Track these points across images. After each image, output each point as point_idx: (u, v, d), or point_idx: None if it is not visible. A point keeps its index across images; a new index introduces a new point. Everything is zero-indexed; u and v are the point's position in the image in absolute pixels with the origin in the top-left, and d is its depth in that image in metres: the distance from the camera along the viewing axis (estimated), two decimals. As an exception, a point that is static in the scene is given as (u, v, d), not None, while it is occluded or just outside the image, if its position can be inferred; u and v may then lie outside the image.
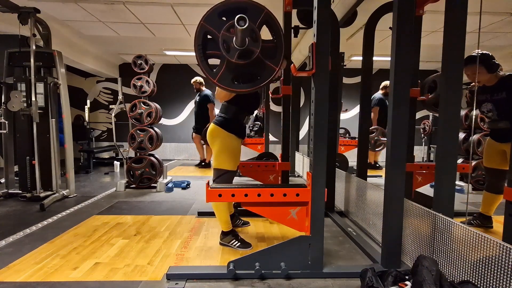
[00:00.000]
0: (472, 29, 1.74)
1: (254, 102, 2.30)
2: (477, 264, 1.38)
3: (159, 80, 6.93)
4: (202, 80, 5.81)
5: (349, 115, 7.10)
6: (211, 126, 2.19)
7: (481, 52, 2.18)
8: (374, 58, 2.87)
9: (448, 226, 1.58)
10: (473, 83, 2.55)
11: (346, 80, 6.45)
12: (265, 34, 1.58)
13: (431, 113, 6.29)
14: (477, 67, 2.23)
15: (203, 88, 5.79)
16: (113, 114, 3.97)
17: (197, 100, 5.79)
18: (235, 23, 1.44)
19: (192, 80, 5.76)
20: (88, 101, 6.52)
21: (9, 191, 3.54)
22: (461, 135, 4.10)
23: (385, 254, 1.79)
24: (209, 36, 1.60)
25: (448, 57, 1.67)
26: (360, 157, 2.93)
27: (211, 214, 2.91)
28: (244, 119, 2.25)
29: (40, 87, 3.40)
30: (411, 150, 2.84)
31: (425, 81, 2.81)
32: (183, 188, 4.16)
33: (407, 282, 1.44)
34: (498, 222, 2.42)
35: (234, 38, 1.53)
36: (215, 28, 1.57)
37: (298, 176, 5.28)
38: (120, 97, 4.09)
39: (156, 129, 4.17)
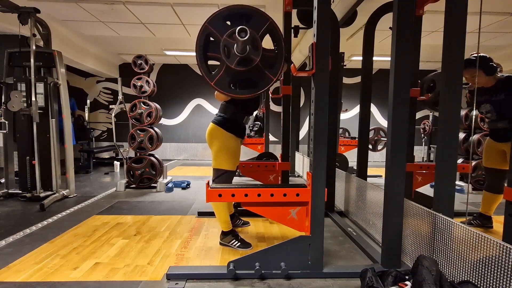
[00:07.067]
0: (472, 29, 1.74)
1: (253, 104, 2.30)
2: (477, 264, 1.38)
3: (159, 80, 6.93)
4: None
5: (349, 115, 7.10)
6: (210, 125, 2.18)
7: (478, 55, 2.19)
8: (374, 58, 2.87)
9: (448, 226, 1.58)
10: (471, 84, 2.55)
11: (346, 80, 6.45)
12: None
13: (431, 113, 6.29)
14: (476, 71, 2.25)
15: None
16: (113, 114, 3.97)
17: None
18: (236, 34, 1.45)
19: None
20: (88, 101, 6.52)
21: (9, 191, 3.54)
22: (461, 135, 4.10)
23: (385, 254, 1.79)
24: (211, 38, 1.61)
25: (448, 57, 1.67)
26: (360, 157, 2.93)
27: (211, 214, 2.91)
28: (243, 119, 2.25)
29: (40, 87, 3.40)
30: (411, 150, 2.84)
31: (423, 80, 2.81)
32: (183, 188, 4.16)
33: (407, 282, 1.44)
34: (498, 222, 2.42)
35: (235, 45, 1.53)
36: (218, 31, 1.57)
37: (298, 176, 5.28)
38: (120, 97, 4.09)
39: (156, 129, 4.17)
